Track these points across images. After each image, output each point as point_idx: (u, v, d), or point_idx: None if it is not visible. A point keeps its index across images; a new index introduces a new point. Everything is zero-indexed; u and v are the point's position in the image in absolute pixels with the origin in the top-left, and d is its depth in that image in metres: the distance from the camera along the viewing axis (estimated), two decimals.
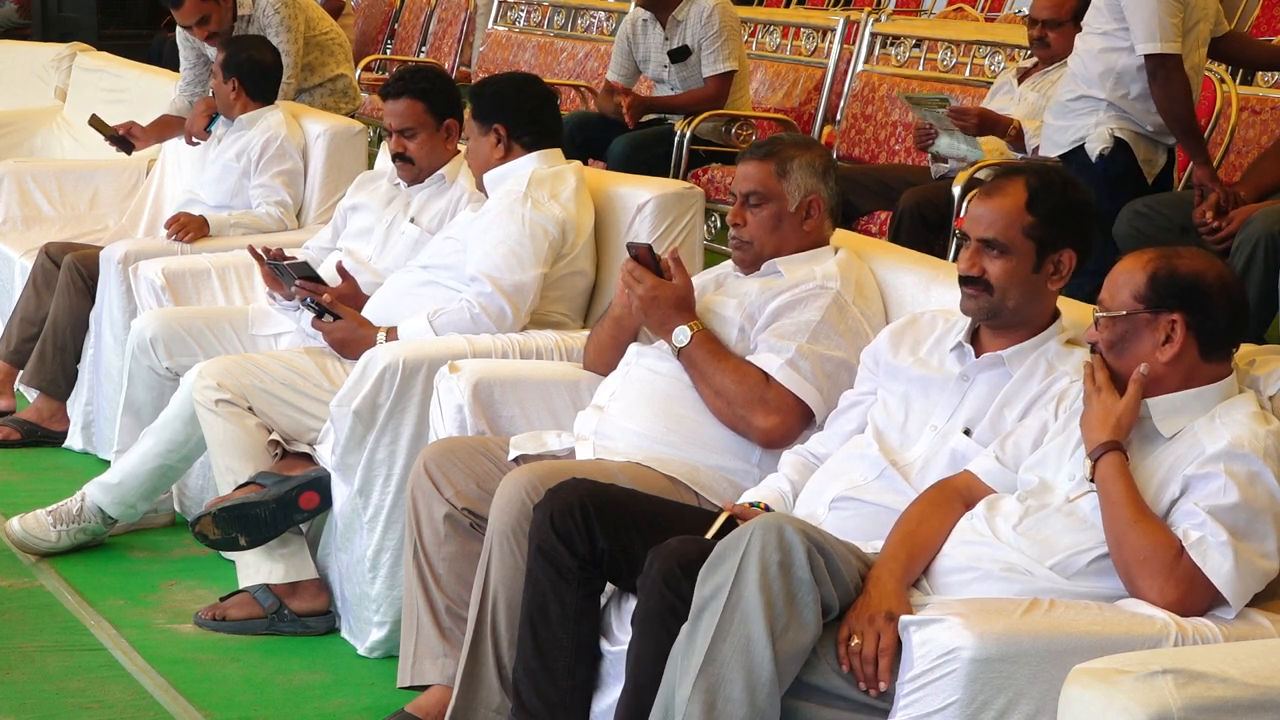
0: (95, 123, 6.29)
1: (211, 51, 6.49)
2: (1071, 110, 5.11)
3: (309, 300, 4.44)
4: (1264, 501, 2.76)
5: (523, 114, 4.42)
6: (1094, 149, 5.04)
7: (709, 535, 3.09)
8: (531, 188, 4.30)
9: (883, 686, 2.72)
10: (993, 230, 3.18)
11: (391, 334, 4.28)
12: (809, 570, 2.74)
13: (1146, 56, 4.90)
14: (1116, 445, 2.85)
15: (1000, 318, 3.23)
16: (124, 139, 6.26)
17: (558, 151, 4.46)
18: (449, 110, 4.74)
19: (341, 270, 4.60)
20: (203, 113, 6.04)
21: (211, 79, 5.95)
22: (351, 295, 4.54)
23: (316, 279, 4.51)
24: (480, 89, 4.53)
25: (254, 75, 5.78)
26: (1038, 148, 5.64)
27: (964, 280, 3.22)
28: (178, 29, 6.65)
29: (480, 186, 4.51)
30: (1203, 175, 4.83)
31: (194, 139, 6.06)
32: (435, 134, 4.72)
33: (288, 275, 4.52)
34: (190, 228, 5.55)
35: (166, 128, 6.31)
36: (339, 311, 4.40)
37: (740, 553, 2.75)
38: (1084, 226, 3.24)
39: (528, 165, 4.39)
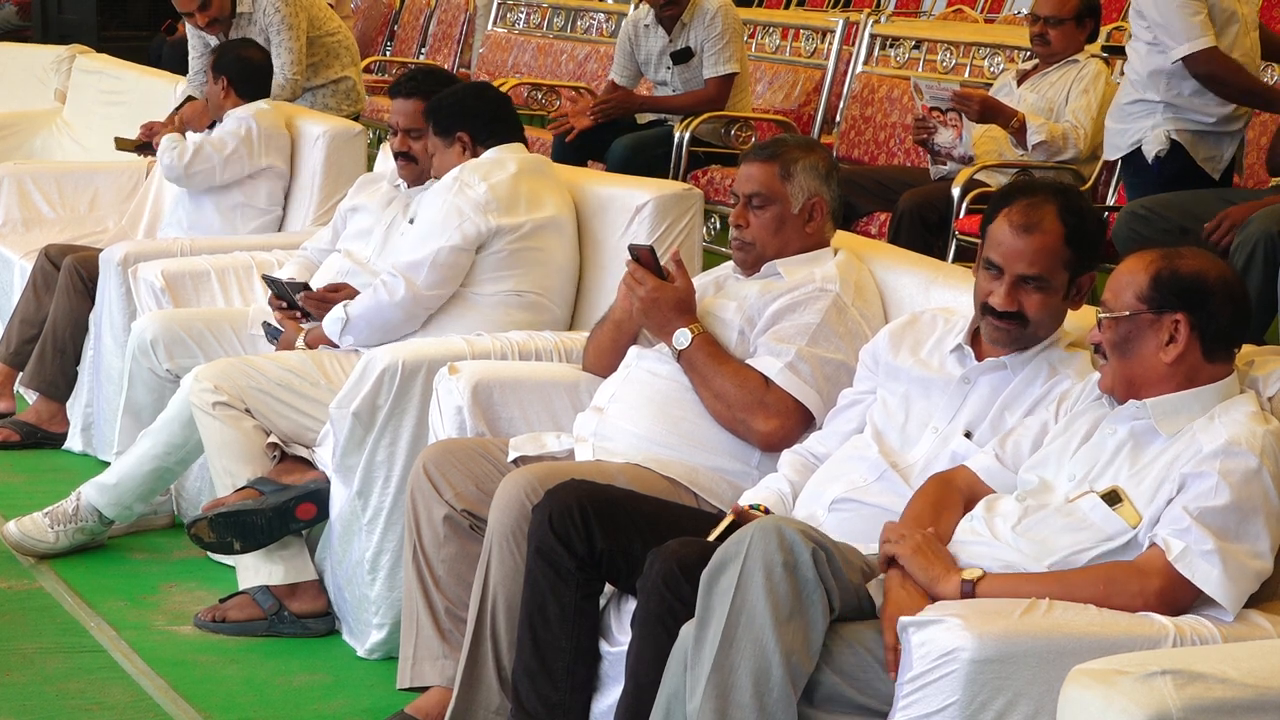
0: (121, 144, 6.33)
1: (216, 42, 6.49)
2: (1129, 114, 5.13)
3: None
4: (1257, 500, 2.75)
5: (482, 119, 4.49)
6: (1150, 151, 5.06)
7: (711, 538, 3.08)
8: (463, 173, 4.38)
9: None
10: (1035, 267, 3.13)
11: (313, 331, 4.44)
12: (814, 569, 2.74)
13: (1184, 61, 4.92)
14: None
15: (1025, 344, 3.22)
16: (150, 145, 6.27)
17: (519, 145, 4.52)
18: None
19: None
20: (204, 111, 6.04)
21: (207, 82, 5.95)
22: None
23: (292, 298, 4.60)
24: (436, 105, 4.55)
25: (243, 74, 5.80)
26: (1039, 143, 5.65)
27: (998, 314, 3.17)
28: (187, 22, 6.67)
29: None
30: None
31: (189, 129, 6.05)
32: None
33: (281, 289, 4.62)
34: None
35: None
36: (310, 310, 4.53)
37: (742, 558, 2.74)
38: (1103, 247, 3.23)
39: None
